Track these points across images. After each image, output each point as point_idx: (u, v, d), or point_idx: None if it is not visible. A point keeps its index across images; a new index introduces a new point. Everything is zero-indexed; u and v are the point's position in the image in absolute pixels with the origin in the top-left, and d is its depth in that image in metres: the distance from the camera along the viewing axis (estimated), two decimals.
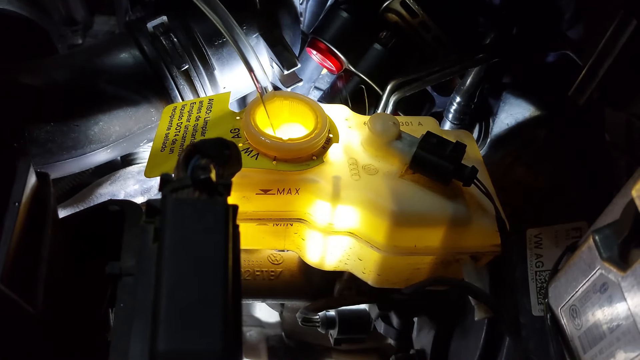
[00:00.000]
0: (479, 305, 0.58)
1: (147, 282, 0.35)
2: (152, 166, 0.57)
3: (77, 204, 0.78)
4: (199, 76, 0.73)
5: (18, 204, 0.39)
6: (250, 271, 0.74)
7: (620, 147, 0.57)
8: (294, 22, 0.81)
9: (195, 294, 0.31)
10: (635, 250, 0.39)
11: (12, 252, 0.37)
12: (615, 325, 0.41)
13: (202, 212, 0.35)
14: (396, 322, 0.72)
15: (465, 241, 0.58)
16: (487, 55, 0.73)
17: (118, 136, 0.71)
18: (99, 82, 0.69)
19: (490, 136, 0.78)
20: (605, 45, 0.51)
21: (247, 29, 0.75)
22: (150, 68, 0.71)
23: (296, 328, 0.97)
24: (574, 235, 0.59)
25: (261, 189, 0.57)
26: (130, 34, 0.73)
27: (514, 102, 0.74)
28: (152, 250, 0.36)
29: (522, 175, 0.69)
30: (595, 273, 0.43)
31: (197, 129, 0.60)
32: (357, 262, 0.62)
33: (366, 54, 0.81)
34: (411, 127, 0.66)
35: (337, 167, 0.59)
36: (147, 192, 0.80)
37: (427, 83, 0.77)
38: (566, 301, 0.48)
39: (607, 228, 0.43)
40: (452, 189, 0.58)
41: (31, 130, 0.65)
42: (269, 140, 0.56)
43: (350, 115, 0.66)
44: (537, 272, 0.61)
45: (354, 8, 0.82)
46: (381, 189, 0.58)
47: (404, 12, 0.79)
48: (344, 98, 0.84)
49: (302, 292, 0.76)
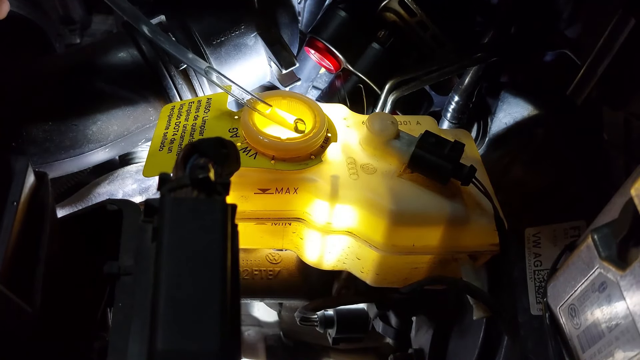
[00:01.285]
0: (477, 305, 0.58)
1: (145, 282, 0.35)
2: (150, 165, 0.57)
3: (75, 203, 0.78)
4: (197, 75, 0.73)
5: (16, 204, 0.39)
6: (248, 270, 0.74)
7: (618, 146, 0.58)
8: (292, 21, 0.81)
9: (193, 294, 0.31)
10: (633, 250, 0.39)
11: (10, 252, 0.37)
12: (614, 325, 0.41)
13: (200, 211, 0.35)
14: (394, 321, 0.72)
15: (464, 240, 0.59)
16: (485, 54, 0.73)
17: (116, 135, 0.71)
18: (97, 82, 0.69)
19: (488, 135, 0.78)
20: (604, 45, 0.52)
21: (246, 28, 0.74)
22: (148, 67, 0.71)
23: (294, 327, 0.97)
24: (572, 234, 0.59)
25: (259, 188, 0.57)
26: (128, 33, 0.72)
27: (512, 101, 0.74)
28: (151, 250, 0.36)
29: (520, 175, 0.69)
30: (594, 272, 0.43)
31: (195, 129, 0.60)
32: (356, 261, 0.62)
33: (364, 53, 0.81)
34: (409, 126, 0.66)
35: (335, 166, 0.59)
36: (146, 192, 0.80)
37: (425, 82, 0.77)
38: (565, 300, 0.48)
39: (606, 227, 0.42)
40: (450, 188, 0.59)
41: (29, 130, 0.65)
42: (267, 140, 0.56)
43: (348, 115, 0.66)
44: (536, 271, 0.61)
45: (352, 7, 0.82)
46: (379, 188, 0.58)
47: (402, 12, 0.79)
48: (342, 97, 0.84)
49: (301, 292, 0.76)
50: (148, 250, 0.36)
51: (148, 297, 0.33)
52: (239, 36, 0.74)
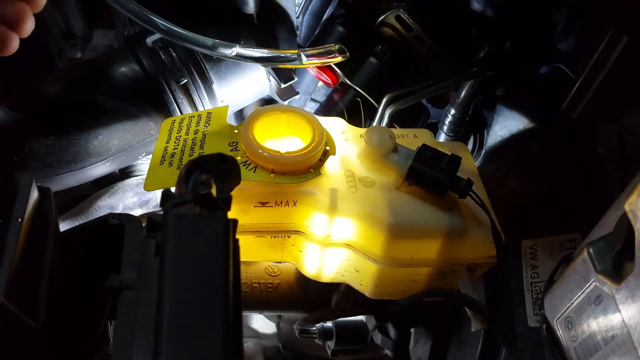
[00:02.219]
0: (475, 317, 0.58)
1: (148, 297, 0.36)
2: (151, 179, 0.57)
3: (75, 217, 0.79)
4: (197, 90, 0.74)
5: (21, 220, 0.39)
6: (248, 283, 0.74)
7: (612, 159, 0.58)
8: (291, 35, 0.82)
9: (197, 310, 0.32)
10: (628, 263, 0.39)
11: (14, 267, 0.37)
12: (610, 337, 0.41)
13: (203, 227, 0.35)
14: (393, 333, 0.73)
15: (461, 253, 0.59)
16: (481, 68, 0.74)
17: (117, 149, 0.72)
18: (98, 96, 0.70)
19: (484, 148, 0.78)
20: (598, 61, 0.52)
21: (245, 42, 0.75)
22: (149, 82, 0.72)
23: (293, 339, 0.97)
24: (568, 246, 0.60)
25: (259, 202, 0.58)
26: (129, 49, 0.73)
27: (508, 114, 0.74)
28: (154, 265, 0.36)
29: (516, 187, 0.70)
30: (590, 285, 0.43)
31: (195, 142, 0.60)
32: (354, 273, 0.63)
33: (362, 67, 0.82)
34: (407, 139, 0.67)
35: (334, 179, 0.60)
36: (146, 204, 0.81)
37: (422, 96, 0.78)
38: (562, 313, 0.48)
39: (601, 241, 0.43)
40: (447, 201, 0.59)
41: (31, 144, 0.66)
42: (267, 153, 0.57)
43: (346, 128, 0.67)
44: (533, 283, 0.61)
45: (349, 22, 0.83)
46: (378, 201, 0.58)
47: (399, 26, 0.80)
48: (340, 111, 0.85)
49: (300, 304, 0.76)
50: (151, 265, 0.37)
51: (151, 312, 0.34)
52: None
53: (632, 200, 0.38)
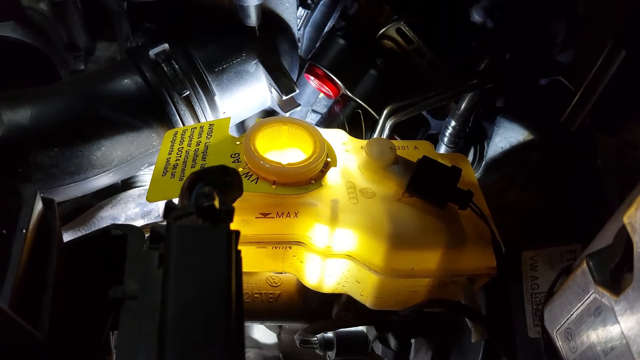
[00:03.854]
0: (476, 327, 0.58)
1: (151, 307, 0.36)
2: (153, 191, 0.58)
3: (78, 227, 0.79)
4: (199, 102, 0.74)
5: (25, 231, 0.40)
6: (249, 293, 0.74)
7: (611, 171, 0.59)
8: (292, 48, 0.82)
9: (200, 321, 0.32)
10: (627, 275, 0.40)
11: (19, 278, 0.38)
12: (610, 348, 0.42)
13: (206, 239, 0.36)
14: (394, 343, 0.72)
15: (462, 263, 0.59)
16: (481, 80, 0.75)
17: (120, 161, 0.72)
18: (101, 108, 0.70)
19: (485, 159, 0.79)
20: (596, 74, 0.53)
21: (247, 55, 0.76)
22: (151, 94, 0.72)
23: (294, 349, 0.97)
24: (568, 257, 0.60)
25: (261, 213, 0.58)
26: (132, 61, 0.74)
27: (508, 126, 0.75)
28: (157, 276, 0.36)
29: (516, 198, 0.70)
30: (590, 297, 0.44)
31: (197, 154, 0.61)
32: (355, 284, 0.63)
33: (362, 79, 0.83)
34: (407, 151, 0.68)
35: (335, 190, 0.60)
36: (148, 215, 0.81)
37: (423, 108, 0.79)
38: (561, 324, 0.48)
39: (600, 253, 0.43)
40: (448, 212, 0.59)
41: (35, 156, 0.66)
42: (269, 165, 0.57)
43: (347, 140, 0.67)
44: (533, 294, 0.61)
45: (350, 35, 0.84)
46: (379, 213, 0.58)
47: (400, 39, 0.81)
48: (341, 122, 0.85)
49: (300, 314, 0.76)
50: (154, 276, 0.37)
51: (154, 322, 0.34)
52: (240, 63, 0.76)
53: (630, 213, 0.39)
